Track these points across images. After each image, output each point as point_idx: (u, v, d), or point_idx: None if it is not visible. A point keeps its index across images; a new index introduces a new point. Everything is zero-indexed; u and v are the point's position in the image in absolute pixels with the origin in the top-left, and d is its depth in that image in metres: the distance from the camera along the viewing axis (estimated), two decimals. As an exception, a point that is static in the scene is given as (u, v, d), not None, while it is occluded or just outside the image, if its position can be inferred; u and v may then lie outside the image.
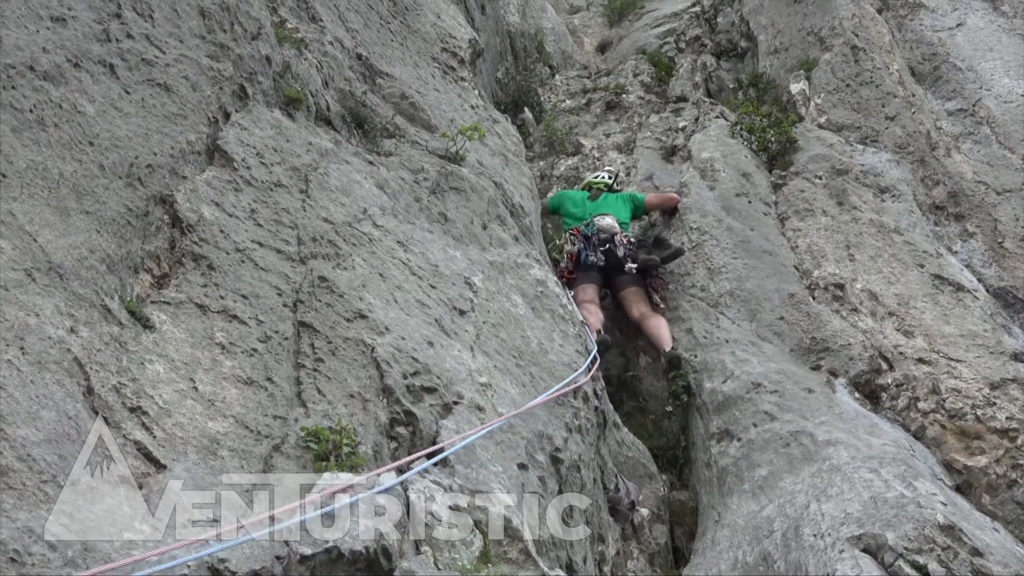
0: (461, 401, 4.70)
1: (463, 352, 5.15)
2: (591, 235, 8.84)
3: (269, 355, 4.15)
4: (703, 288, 8.43)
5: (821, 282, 8.24)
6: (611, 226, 8.91)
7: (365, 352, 4.50)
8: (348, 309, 4.70)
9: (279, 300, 4.48)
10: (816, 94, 10.77)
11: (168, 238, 4.32)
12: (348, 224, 5.39)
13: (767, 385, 7.22)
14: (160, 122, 4.53)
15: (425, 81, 8.24)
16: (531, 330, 6.11)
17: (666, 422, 7.70)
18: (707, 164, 9.83)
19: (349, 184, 5.80)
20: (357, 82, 7.22)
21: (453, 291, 5.71)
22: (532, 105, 13.45)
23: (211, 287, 4.25)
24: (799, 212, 9.12)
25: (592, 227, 8.88)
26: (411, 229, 5.99)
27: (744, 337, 7.83)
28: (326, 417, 3.99)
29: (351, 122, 6.75)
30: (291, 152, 5.54)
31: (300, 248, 4.90)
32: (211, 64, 5.17)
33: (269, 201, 5.02)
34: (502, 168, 8.19)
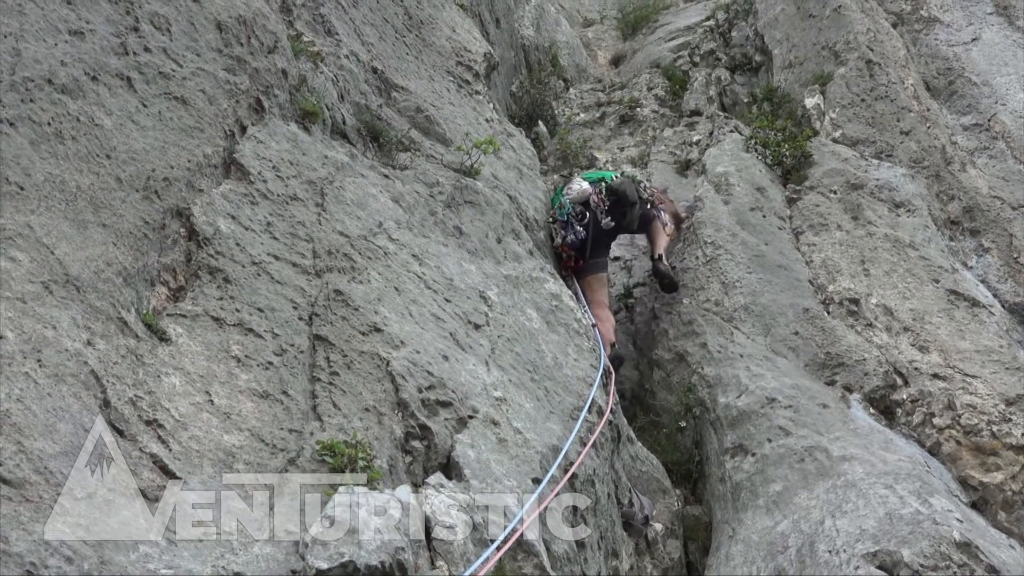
0: (476, 415, 4.69)
1: (478, 366, 5.14)
2: (567, 216, 8.58)
3: (285, 368, 4.15)
4: (717, 302, 8.41)
5: (836, 297, 8.21)
6: (581, 191, 8.68)
7: (380, 366, 4.50)
8: (363, 323, 4.70)
9: (295, 313, 4.49)
10: (831, 108, 10.75)
11: (184, 251, 4.33)
12: (363, 238, 5.40)
13: (782, 400, 7.19)
14: (177, 135, 4.54)
15: (440, 95, 8.25)
16: (546, 344, 6.10)
17: (680, 437, 7.67)
18: (721, 178, 9.81)
19: (364, 197, 5.80)
20: (372, 95, 7.24)
21: (468, 305, 5.71)
22: (546, 118, 13.46)
23: (227, 300, 4.26)
24: (814, 226, 9.09)
25: (564, 208, 8.64)
26: (426, 243, 5.99)
27: (758, 352, 7.81)
28: (341, 431, 3.98)
29: (367, 135, 6.77)
30: (307, 165, 5.55)
31: (316, 261, 4.90)
32: (228, 77, 5.18)
33: (285, 214, 5.02)
34: (516, 182, 8.20)
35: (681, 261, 9.13)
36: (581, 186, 8.75)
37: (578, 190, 8.71)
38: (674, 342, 8.33)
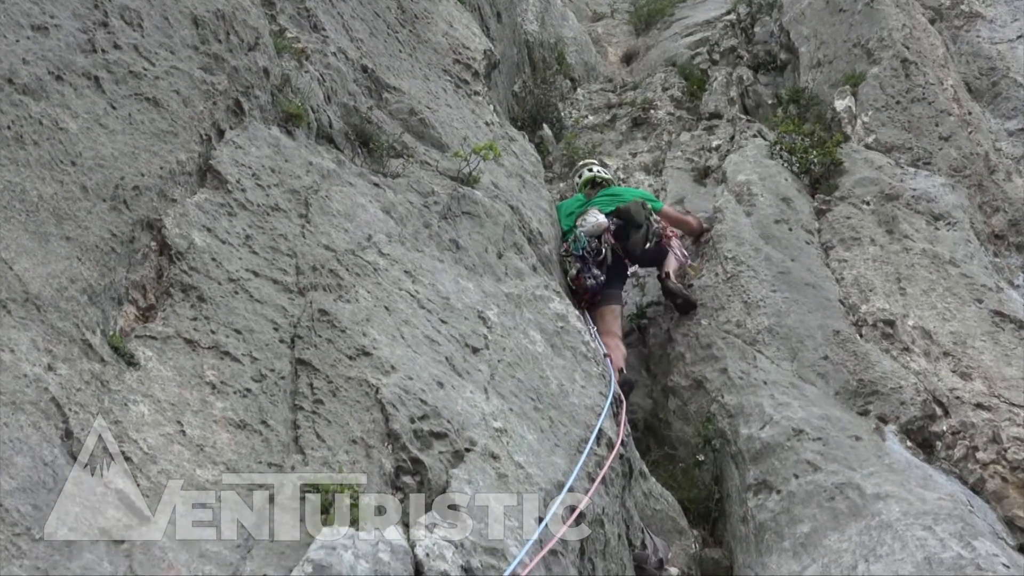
0: (474, 448, 4.68)
1: (476, 394, 5.14)
2: (583, 251, 8.76)
3: (264, 396, 4.15)
4: (739, 324, 8.41)
5: (869, 318, 8.21)
6: (597, 224, 8.84)
7: (369, 393, 4.49)
8: (351, 345, 4.70)
9: (275, 335, 4.49)
10: (863, 111, 10.77)
11: (155, 266, 4.34)
12: (351, 252, 5.40)
13: (810, 432, 7.17)
14: (148, 140, 4.55)
15: (436, 95, 8.27)
16: (551, 369, 6.10)
17: (698, 472, 7.65)
18: (743, 187, 9.82)
19: (353, 208, 5.81)
20: (362, 96, 7.26)
21: (465, 326, 5.71)
22: (552, 121, 13.49)
23: (201, 320, 4.26)
24: (845, 241, 9.10)
25: (579, 241, 8.81)
26: (420, 258, 5.99)
27: (784, 378, 7.80)
28: (326, 465, 3.98)
29: (355, 140, 6.78)
30: (290, 173, 5.56)
31: (299, 278, 4.91)
32: (204, 77, 5.20)
33: (265, 227, 5.03)
34: (519, 191, 8.21)
35: (699, 278, 9.13)
36: (597, 219, 8.86)
37: (593, 223, 8.83)
38: (691, 367, 8.32)
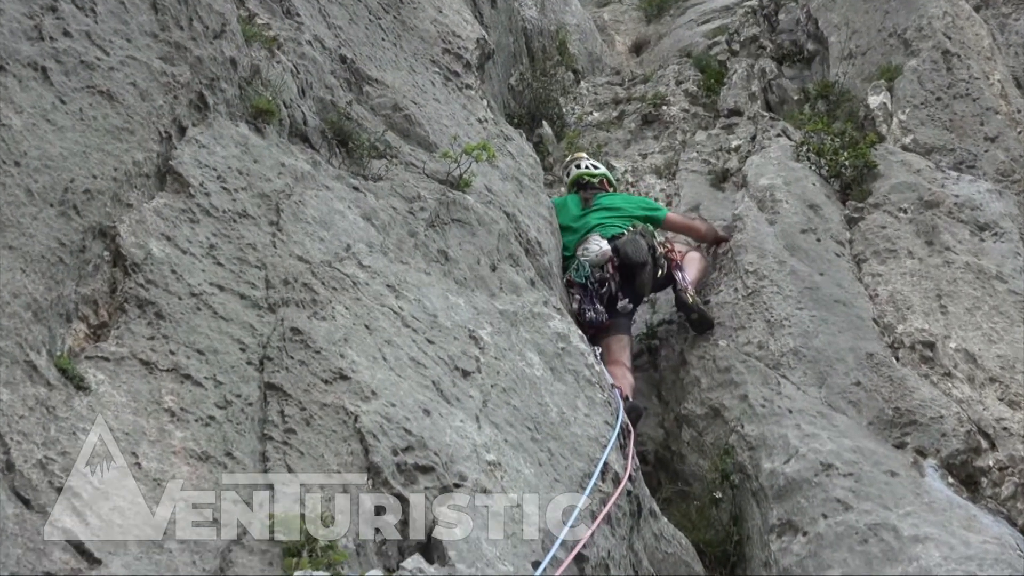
0: (464, 483, 4.68)
1: (467, 423, 5.14)
2: (586, 280, 8.82)
3: (229, 424, 4.15)
4: (761, 345, 8.42)
5: (906, 339, 8.22)
6: (601, 253, 8.88)
7: (347, 422, 4.49)
8: (326, 368, 4.70)
9: (242, 357, 4.49)
10: (900, 109, 10.80)
11: (108, 279, 4.34)
12: (327, 264, 5.41)
13: (840, 466, 7.17)
14: (101, 138, 4.56)
15: (423, 89, 8.29)
16: (550, 396, 6.10)
17: (715, 511, 7.64)
18: (766, 193, 9.85)
19: (329, 215, 5.82)
20: (341, 90, 7.27)
21: (455, 347, 5.71)
22: (552, 118, 13.53)
23: (159, 340, 4.26)
24: (879, 253, 9.12)
25: (583, 270, 8.88)
26: (404, 270, 6.00)
27: (811, 406, 7.80)
28: (298, 502, 3.97)
29: (333, 139, 6.79)
30: (259, 175, 5.56)
31: (269, 293, 4.91)
32: (164, 68, 5.21)
33: (232, 235, 5.03)
34: (515, 196, 8.22)
35: (717, 294, 9.14)
36: (600, 247, 8.89)
37: (596, 251, 8.87)
38: (707, 393, 8.33)
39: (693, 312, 8.74)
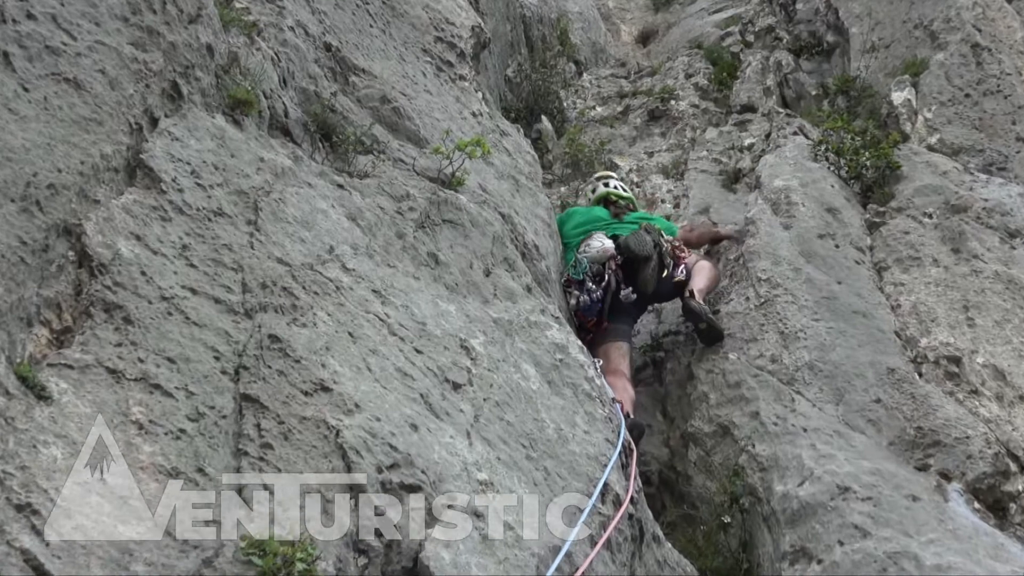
0: (453, 504, 4.68)
1: (457, 439, 5.14)
2: (584, 275, 8.91)
3: (201, 438, 4.15)
4: (774, 359, 8.42)
5: (930, 354, 8.23)
6: (602, 250, 8.99)
7: (328, 436, 4.49)
8: (307, 379, 4.70)
9: (216, 365, 4.48)
10: (926, 106, 10.82)
11: (73, 281, 4.34)
12: (309, 266, 5.41)
13: (858, 490, 7.17)
14: (67, 129, 4.56)
15: (413, 80, 8.30)
16: (547, 411, 6.10)
17: (723, 536, 7.64)
18: (781, 195, 9.86)
19: (311, 214, 5.82)
20: (325, 80, 7.28)
21: (445, 358, 5.71)
22: (552, 113, 13.54)
23: (127, 346, 4.25)
24: (902, 261, 9.13)
25: (581, 266, 8.95)
26: (391, 275, 6.00)
27: (828, 425, 7.80)
28: (275, 522, 3.97)
29: (316, 132, 6.80)
30: (237, 171, 5.57)
31: (246, 297, 4.91)
32: (135, 54, 5.21)
33: (206, 235, 5.04)
34: (512, 196, 8.23)
35: (728, 303, 9.15)
36: (603, 244, 8.97)
37: (598, 248, 8.95)
38: (716, 410, 8.33)
39: (702, 321, 8.74)
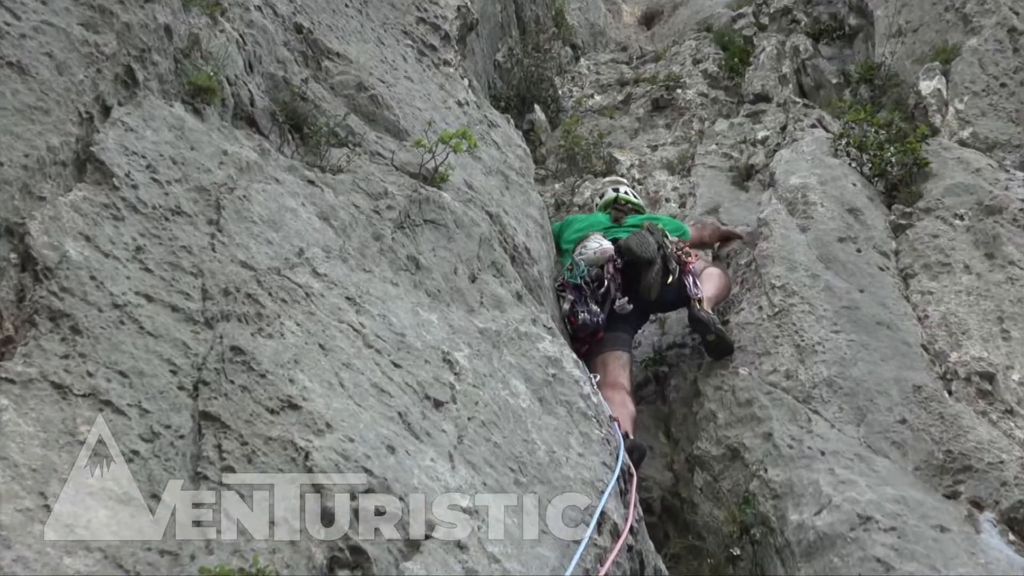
0: (433, 534, 4.68)
1: (438, 462, 5.14)
2: (580, 279, 8.91)
3: (156, 460, 4.15)
4: (789, 374, 8.43)
5: (961, 370, 8.24)
6: (600, 251, 9.01)
7: (296, 459, 4.49)
8: (273, 395, 4.70)
9: (173, 380, 4.48)
10: (957, 96, 10.85)
11: (15, 286, 4.33)
12: (276, 271, 5.41)
13: (880, 520, 7.18)
14: (10, 118, 4.56)
15: (393, 65, 8.30)
16: (538, 431, 6.11)
17: (732, 570, 7.65)
18: (797, 193, 9.87)
19: (279, 213, 5.83)
20: (295, 65, 7.27)
21: (426, 372, 5.71)
22: (546, 102, 13.56)
23: (75, 359, 4.25)
24: (930, 267, 9.14)
25: (577, 269, 8.95)
26: (367, 280, 6.00)
27: (848, 448, 7.81)
28: (236, 553, 3.97)
29: (285, 123, 6.80)
30: (197, 165, 5.56)
31: (206, 305, 4.91)
32: (86, 36, 5.21)
33: (163, 236, 5.03)
34: (500, 193, 8.23)
35: (738, 313, 9.16)
36: (600, 244, 9.00)
37: (596, 249, 8.97)
38: (725, 431, 8.34)
39: (710, 333, 8.74)
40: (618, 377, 8.52)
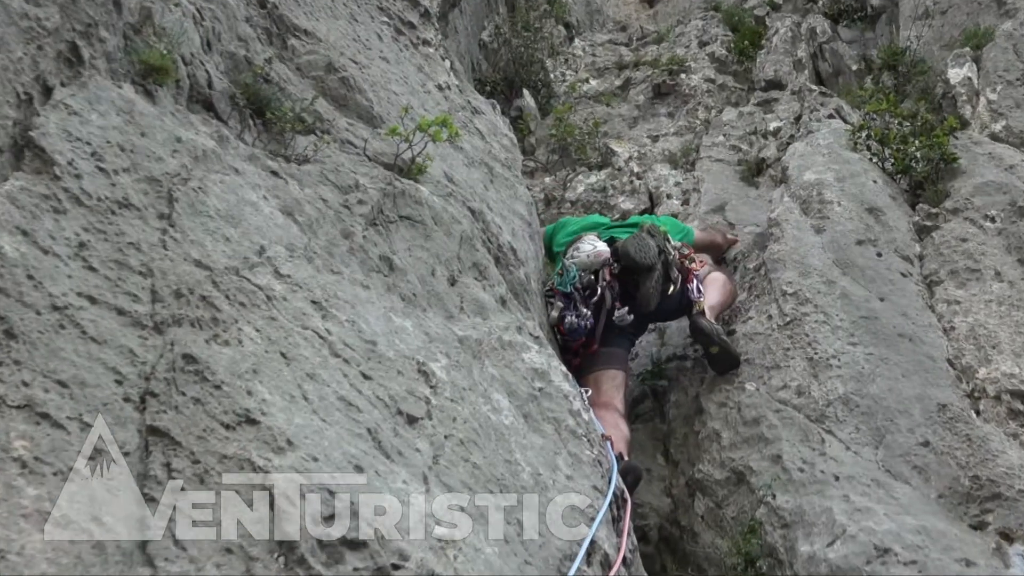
0: (405, 566, 4.68)
1: (412, 484, 5.14)
2: (571, 286, 8.90)
3: (98, 481, 4.14)
4: (800, 391, 8.44)
5: (990, 387, 8.25)
6: (595, 254, 9.00)
7: (253, 480, 4.49)
8: (228, 409, 4.69)
9: (118, 391, 4.48)
10: (989, 85, 10.87)
11: (-56, 286, 4.33)
12: (234, 271, 5.41)
13: (900, 552, 7.19)
14: (-60, 99, 4.56)
15: (367, 44, 8.29)
16: (522, 451, 6.11)
17: (735, 605, 7.68)
18: (812, 191, 9.89)
19: (238, 207, 5.82)
20: (258, 43, 7.27)
21: (399, 385, 5.71)
22: (536, 86, 13.57)
23: (9, 366, 4.24)
24: (957, 273, 9.16)
25: (568, 274, 8.94)
26: (335, 282, 6.00)
27: (865, 472, 7.82)
28: (185, 586, 3.98)
29: (246, 107, 6.79)
30: (148, 153, 5.56)
31: (156, 308, 4.90)
32: (25, 9, 5.20)
33: (109, 231, 5.03)
34: (484, 188, 8.23)
35: (745, 322, 9.17)
36: (595, 247, 8.99)
37: (589, 251, 8.95)
38: (730, 452, 8.35)
39: (713, 344, 8.74)
40: (611, 398, 8.52)
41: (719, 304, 9.11)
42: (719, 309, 9.13)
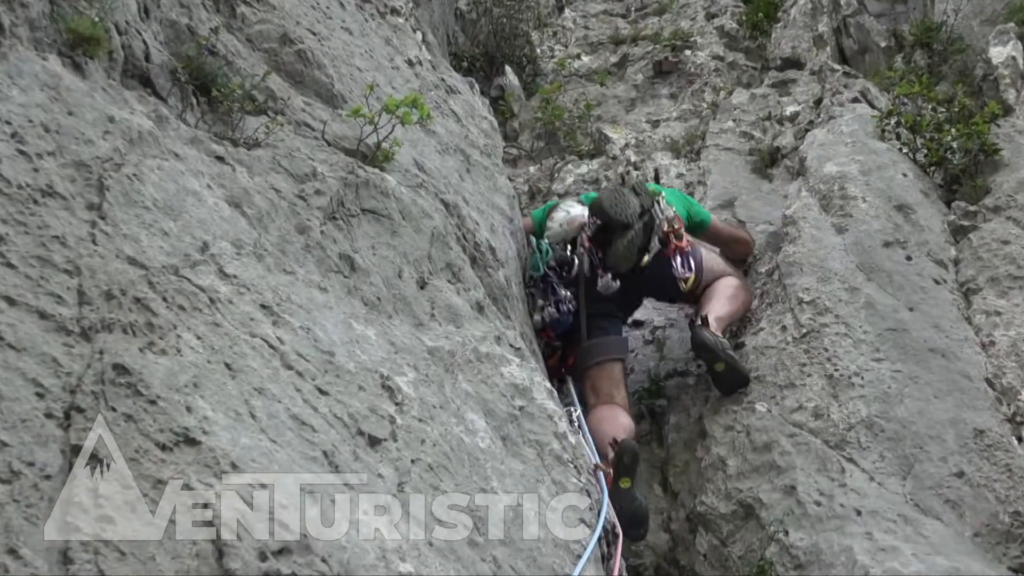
0: (366, 608, 4.70)
1: (372, 515, 5.15)
2: (542, 269, 8.92)
3: (15, 507, 4.14)
4: (818, 413, 8.46)
5: (1034, 411, 8.29)
6: (569, 220, 9.04)
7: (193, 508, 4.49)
8: (165, 427, 4.69)
9: (39, 406, 4.48)
10: (1035, 67, 10.92)
11: None
12: (173, 270, 5.41)
13: (929, 597, 7.23)
14: None
15: (327, 13, 8.31)
16: (499, 477, 6.12)
17: (741, 653, 7.71)
18: (834, 185, 9.92)
19: (179, 197, 5.82)
20: (203, 11, 7.27)
21: (360, 401, 5.72)
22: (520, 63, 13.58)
23: (-85, 377, 4.26)
24: (998, 280, 9.17)
25: (542, 252, 8.97)
26: (288, 284, 6.01)
27: (891, 506, 7.84)
28: (115, 629, 3.98)
29: (188, 83, 6.79)
30: (76, 134, 5.56)
31: (83, 311, 4.91)
32: (-63, -31, 5.22)
33: (31, 223, 5.03)
34: (459, 177, 8.24)
35: (756, 334, 9.18)
36: (568, 212, 8.93)
37: (563, 219, 8.92)
38: (736, 483, 8.37)
39: (718, 360, 8.71)
40: (612, 395, 8.54)
41: (728, 315, 9.08)
42: (727, 321, 9.10)
